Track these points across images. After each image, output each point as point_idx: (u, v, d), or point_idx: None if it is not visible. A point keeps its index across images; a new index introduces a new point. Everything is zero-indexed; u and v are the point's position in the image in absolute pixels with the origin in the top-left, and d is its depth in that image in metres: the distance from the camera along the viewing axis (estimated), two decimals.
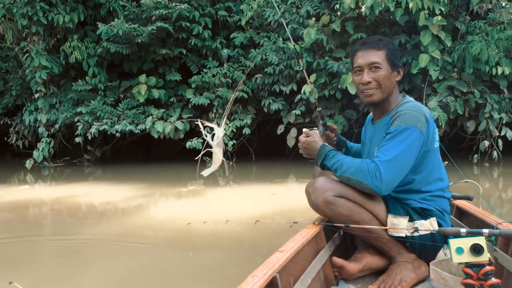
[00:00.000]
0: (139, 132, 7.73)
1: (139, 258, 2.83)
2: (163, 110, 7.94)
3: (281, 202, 4.51)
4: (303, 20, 7.23)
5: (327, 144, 1.95)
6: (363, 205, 1.75)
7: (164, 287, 2.34)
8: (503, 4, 6.62)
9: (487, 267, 1.26)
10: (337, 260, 1.80)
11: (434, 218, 1.77)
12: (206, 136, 1.96)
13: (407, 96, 1.96)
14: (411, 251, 1.80)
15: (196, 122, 2.03)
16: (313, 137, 1.95)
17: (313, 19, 6.99)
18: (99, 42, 8.01)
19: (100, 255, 2.91)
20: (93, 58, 7.95)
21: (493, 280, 1.23)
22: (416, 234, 1.71)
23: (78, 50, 7.76)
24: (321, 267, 1.78)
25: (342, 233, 1.99)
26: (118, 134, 7.82)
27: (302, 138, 1.97)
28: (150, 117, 7.74)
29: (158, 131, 7.66)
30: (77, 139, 7.99)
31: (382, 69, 1.80)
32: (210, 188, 5.69)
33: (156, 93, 7.84)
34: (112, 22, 7.58)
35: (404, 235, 1.74)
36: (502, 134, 6.75)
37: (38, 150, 7.93)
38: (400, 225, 1.74)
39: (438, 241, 1.76)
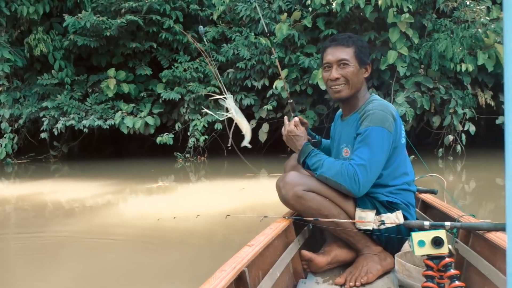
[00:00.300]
0: (108, 127, 7.58)
1: (109, 255, 2.79)
2: (133, 105, 7.80)
3: (252, 197, 4.53)
4: (275, 15, 7.24)
5: (308, 142, 1.98)
6: (332, 199, 1.79)
7: (134, 285, 2.32)
8: (468, 3, 6.82)
9: (447, 259, 1.31)
10: (306, 253, 1.82)
11: (400, 211, 1.82)
12: (228, 111, 2.04)
13: (374, 94, 2.01)
14: (377, 244, 1.85)
15: (212, 98, 2.02)
16: (301, 131, 1.97)
17: (285, 14, 7.02)
18: (66, 34, 7.78)
19: (68, 253, 2.85)
20: (59, 51, 7.72)
21: (452, 271, 1.28)
22: (382, 227, 1.76)
23: (43, 43, 7.52)
24: (290, 260, 1.80)
25: (311, 227, 2.02)
26: (85, 130, 7.64)
27: (291, 126, 1.97)
28: (120, 112, 7.59)
29: (127, 127, 7.53)
30: (43, 135, 7.75)
31: (350, 66, 1.84)
32: (182, 184, 5.65)
33: (125, 88, 7.70)
34: (79, 14, 7.36)
35: (371, 228, 1.79)
36: (466, 128, 6.98)
37: (1, 146, 7.65)
38: (367, 218, 1.78)
39: (403, 233, 1.81)
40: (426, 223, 1.62)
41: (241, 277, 1.33)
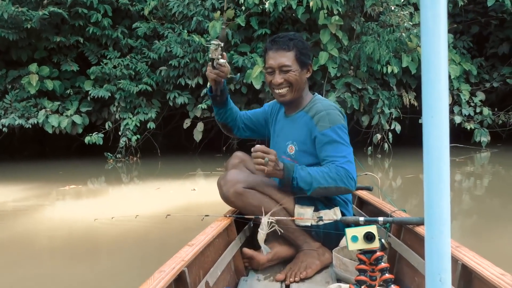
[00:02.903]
0: (30, 126, 7.08)
1: (34, 267, 2.58)
2: (58, 102, 7.35)
3: (190, 197, 4.44)
4: (209, 13, 7.17)
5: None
6: (272, 197, 1.82)
7: None
8: (392, 8, 7.20)
9: (378, 253, 1.36)
10: (247, 251, 1.85)
11: (338, 208, 1.89)
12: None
13: (316, 93, 2.05)
14: (316, 240, 1.89)
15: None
16: (274, 154, 1.74)
17: (218, 12, 6.97)
18: None
19: None
20: None
21: (383, 264, 1.34)
22: (320, 223, 1.80)
23: None
24: (232, 259, 1.82)
25: (252, 225, 2.04)
26: (5, 129, 7.07)
27: (271, 156, 1.71)
28: (43, 110, 7.12)
29: (52, 126, 7.09)
30: None
31: (292, 70, 1.87)
32: (113, 186, 5.40)
33: (49, 84, 7.23)
34: None
35: (310, 224, 1.84)
36: (392, 127, 7.37)
37: None
38: (306, 215, 1.82)
39: (341, 229, 1.86)
40: (361, 218, 1.68)
41: (181, 277, 1.32)
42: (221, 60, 1.83)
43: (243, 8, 6.92)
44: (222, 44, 1.84)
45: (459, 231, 3.12)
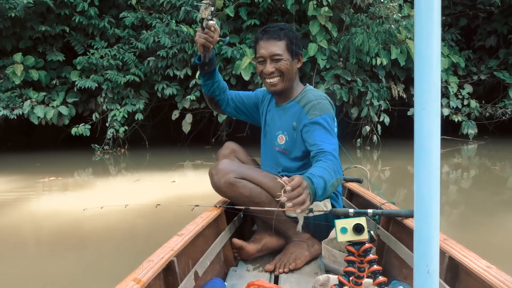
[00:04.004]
0: (15, 117, 6.96)
1: (20, 261, 2.54)
2: (44, 93, 7.23)
3: (180, 188, 4.41)
4: (197, 3, 7.07)
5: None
6: (263, 187, 1.82)
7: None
8: (382, 0, 7.19)
9: (366, 245, 1.37)
10: (237, 241, 1.85)
11: (328, 199, 1.89)
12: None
13: (307, 84, 2.05)
14: (306, 231, 1.89)
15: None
16: (298, 180, 1.37)
17: None
18: None
19: None
20: None
21: (371, 256, 1.34)
22: (311, 214, 1.79)
23: None
24: (221, 249, 1.83)
25: (242, 215, 2.03)
26: None
27: (298, 190, 1.34)
28: (29, 101, 7.01)
29: (38, 117, 6.98)
30: None
31: (283, 59, 1.88)
32: (101, 178, 5.34)
33: (35, 74, 7.11)
34: None
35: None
36: (381, 119, 7.40)
37: None
38: None
39: (330, 221, 1.86)
40: (351, 210, 1.68)
41: (170, 267, 1.32)
42: (211, 22, 1.78)
43: None
44: (213, 8, 1.77)
45: (445, 223, 3.14)
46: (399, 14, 7.07)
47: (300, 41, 1.97)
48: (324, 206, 1.85)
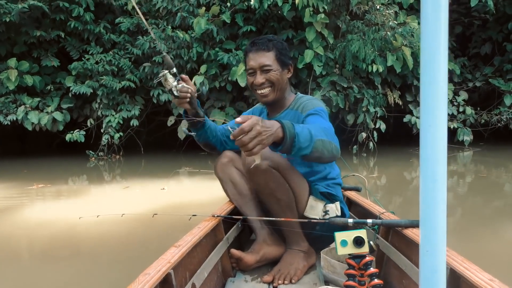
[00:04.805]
0: (9, 123, 6.90)
1: (11, 272, 2.49)
2: (38, 99, 7.18)
3: (176, 196, 4.37)
4: (193, 9, 7.08)
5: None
6: (290, 183, 1.77)
7: None
8: (378, 7, 7.22)
9: (367, 258, 1.35)
10: (235, 252, 1.81)
11: (338, 202, 1.90)
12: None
13: (298, 92, 2.06)
14: (305, 240, 1.88)
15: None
16: (257, 117, 1.21)
17: (203, 8, 6.89)
18: None
19: None
20: None
21: (372, 270, 1.32)
22: (327, 216, 1.80)
23: None
24: (219, 260, 1.79)
25: (240, 225, 2.00)
26: None
27: (257, 127, 1.17)
28: (23, 106, 6.95)
29: (32, 122, 6.92)
30: None
31: (273, 70, 1.87)
32: (95, 185, 5.29)
33: (29, 80, 7.06)
34: None
35: (318, 218, 1.82)
36: (377, 126, 7.40)
37: None
38: (317, 208, 1.82)
39: (329, 230, 1.83)
40: (350, 220, 1.65)
41: (167, 279, 1.28)
42: (179, 86, 1.69)
43: (228, 4, 6.86)
44: (173, 70, 1.65)
45: None
46: (395, 21, 7.10)
47: (289, 52, 1.97)
48: (336, 209, 1.85)
